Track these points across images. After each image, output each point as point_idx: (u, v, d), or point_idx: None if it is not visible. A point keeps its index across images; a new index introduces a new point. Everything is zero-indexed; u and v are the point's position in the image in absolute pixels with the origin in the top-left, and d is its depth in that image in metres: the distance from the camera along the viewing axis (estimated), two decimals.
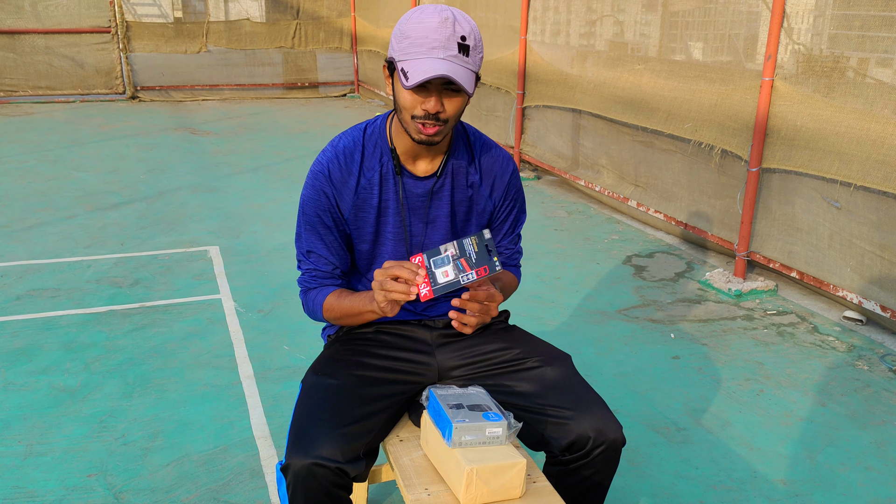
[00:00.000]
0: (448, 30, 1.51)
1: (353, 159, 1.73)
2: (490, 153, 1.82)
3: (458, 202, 1.78)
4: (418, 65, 1.51)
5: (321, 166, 1.74)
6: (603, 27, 5.72)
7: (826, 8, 3.79)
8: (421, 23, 1.52)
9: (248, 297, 3.83)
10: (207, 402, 2.83)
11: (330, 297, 1.76)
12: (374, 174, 1.73)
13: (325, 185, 1.72)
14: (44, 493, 2.29)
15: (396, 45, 1.56)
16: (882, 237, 3.40)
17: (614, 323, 3.62)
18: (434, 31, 1.51)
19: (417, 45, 1.52)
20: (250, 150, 7.51)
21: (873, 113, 3.38)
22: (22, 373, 3.02)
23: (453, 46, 1.51)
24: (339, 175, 1.72)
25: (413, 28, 1.53)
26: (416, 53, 1.52)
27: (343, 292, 1.76)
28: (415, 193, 1.75)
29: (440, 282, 1.53)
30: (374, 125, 1.76)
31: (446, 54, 1.51)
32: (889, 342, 3.47)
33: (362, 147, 1.74)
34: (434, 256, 1.56)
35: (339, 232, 1.77)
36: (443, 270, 1.54)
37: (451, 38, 1.51)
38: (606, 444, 1.60)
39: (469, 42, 1.53)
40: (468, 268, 1.53)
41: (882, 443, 2.66)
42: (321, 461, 1.48)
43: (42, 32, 10.01)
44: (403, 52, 1.54)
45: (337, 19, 11.45)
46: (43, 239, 4.69)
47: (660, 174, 4.88)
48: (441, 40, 1.51)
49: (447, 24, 1.51)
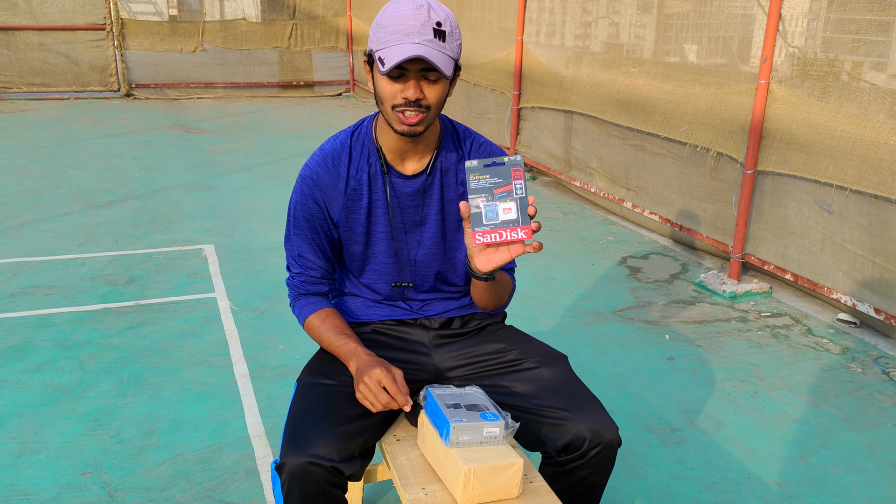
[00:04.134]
0: (423, 16, 1.51)
1: (340, 161, 1.73)
2: (480, 149, 1.80)
3: (448, 200, 1.77)
4: (393, 51, 1.51)
5: (310, 171, 1.74)
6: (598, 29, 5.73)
7: (821, 11, 3.81)
8: (395, 11, 1.53)
9: (242, 296, 3.82)
10: (202, 400, 2.83)
11: (314, 318, 1.77)
12: (362, 175, 1.72)
13: (315, 191, 1.73)
14: (38, 492, 2.28)
15: (373, 35, 1.57)
16: (873, 241, 3.42)
17: (609, 324, 3.63)
18: (408, 17, 1.51)
19: (392, 33, 1.52)
20: (245, 149, 7.49)
21: (868, 117, 3.40)
22: (16, 370, 3.01)
23: (428, 31, 1.52)
24: (329, 179, 1.72)
25: (388, 18, 1.54)
26: (392, 41, 1.52)
27: (328, 319, 1.76)
28: (404, 192, 1.74)
29: (515, 216, 1.44)
30: (361, 127, 1.76)
31: (422, 38, 1.51)
32: (882, 345, 3.48)
33: (349, 149, 1.74)
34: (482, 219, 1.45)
35: (328, 236, 1.77)
36: (503, 209, 1.46)
37: (425, 23, 1.51)
38: (602, 445, 1.61)
39: (445, 28, 1.54)
40: (508, 186, 1.46)
41: (875, 444, 2.68)
42: (316, 460, 1.48)
43: (37, 29, 9.97)
44: (379, 42, 1.55)
45: (333, 19, 11.44)
46: (37, 236, 4.67)
47: (651, 177, 4.89)
48: (416, 26, 1.51)
49: (421, 11, 1.52)
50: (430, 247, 1.79)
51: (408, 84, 1.55)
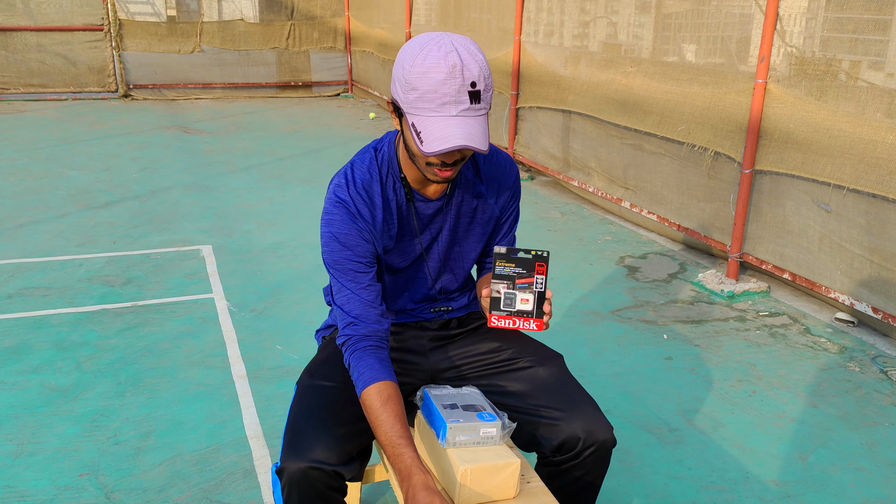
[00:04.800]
0: (457, 81, 1.42)
1: (373, 191, 1.65)
2: (493, 160, 1.78)
3: (462, 214, 1.77)
4: (432, 127, 1.44)
5: (346, 204, 1.62)
6: (596, 28, 5.73)
7: (819, 11, 3.81)
8: (426, 74, 1.42)
9: (240, 297, 3.82)
10: (200, 401, 2.82)
11: (374, 394, 1.54)
12: (392, 204, 1.68)
13: (356, 221, 1.63)
14: (35, 493, 2.28)
15: (402, 94, 1.47)
16: (871, 241, 3.42)
17: (607, 324, 3.63)
18: (442, 84, 1.42)
19: (426, 101, 1.44)
20: (243, 149, 7.49)
21: (865, 116, 3.40)
22: (13, 372, 3.01)
23: (465, 99, 1.43)
24: (368, 212, 1.64)
25: (418, 79, 1.43)
26: (426, 110, 1.44)
27: (389, 404, 1.52)
28: (426, 214, 1.72)
29: (531, 307, 1.58)
30: (383, 153, 1.69)
31: (458, 110, 1.44)
32: (880, 344, 3.48)
33: (380, 178, 1.67)
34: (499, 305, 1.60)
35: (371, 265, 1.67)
36: (519, 300, 1.59)
37: (461, 89, 1.42)
38: (597, 446, 1.60)
39: (479, 86, 1.44)
40: (530, 279, 1.58)
41: (873, 444, 2.68)
42: (316, 464, 1.48)
43: (34, 30, 9.96)
44: (412, 106, 1.46)
45: (331, 19, 11.43)
46: (34, 237, 4.66)
47: (649, 177, 4.89)
48: (451, 94, 1.42)
49: (455, 75, 1.41)
50: (440, 258, 1.79)
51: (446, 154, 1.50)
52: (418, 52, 1.44)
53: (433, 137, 1.44)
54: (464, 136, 1.43)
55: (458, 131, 1.43)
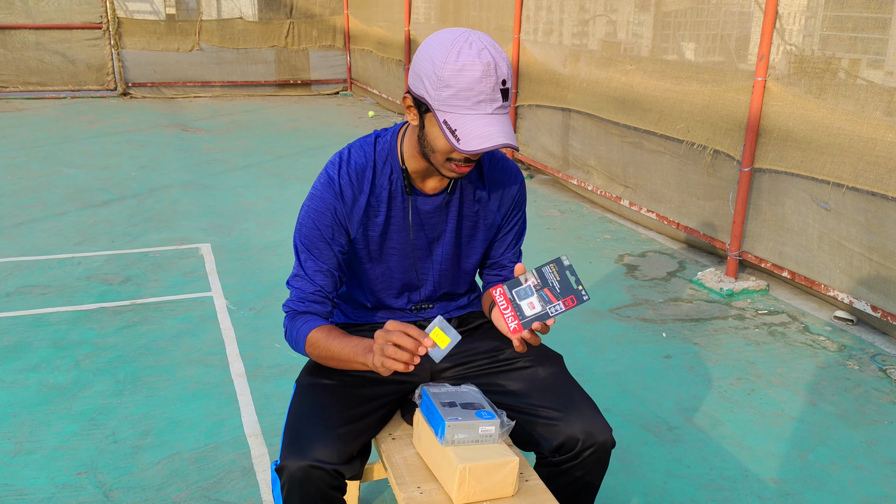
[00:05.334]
0: (492, 79, 1.42)
1: (364, 177, 1.66)
2: (498, 166, 1.77)
3: (464, 217, 1.75)
4: (470, 126, 1.44)
5: (332, 182, 1.65)
6: (595, 27, 5.73)
7: (818, 9, 3.80)
8: (461, 72, 1.42)
9: (239, 295, 3.81)
10: (198, 399, 2.82)
11: (316, 332, 1.62)
12: (383, 192, 1.67)
13: (336, 201, 1.64)
14: (33, 492, 2.28)
15: (433, 91, 1.45)
16: (870, 239, 3.42)
17: (606, 322, 3.63)
18: (479, 82, 1.42)
19: (462, 99, 1.43)
20: (242, 148, 7.48)
21: (865, 114, 3.39)
22: (11, 370, 3.00)
23: (498, 97, 1.44)
24: (351, 194, 1.65)
25: (453, 77, 1.42)
26: (462, 108, 1.44)
27: (333, 330, 1.62)
28: (424, 210, 1.71)
29: (527, 314, 1.49)
30: (385, 141, 1.69)
31: (493, 108, 1.44)
32: (879, 342, 3.48)
33: (374, 164, 1.67)
34: (515, 287, 1.50)
35: (338, 250, 1.68)
36: (528, 302, 1.49)
37: (495, 87, 1.43)
38: (596, 447, 1.60)
39: (508, 84, 1.46)
40: (554, 299, 1.48)
41: (872, 442, 2.68)
42: (317, 463, 1.47)
43: (33, 28, 9.94)
44: (445, 104, 1.45)
45: (330, 17, 11.43)
46: (33, 236, 4.66)
47: (649, 175, 4.89)
48: (487, 92, 1.43)
49: (490, 73, 1.42)
50: (442, 262, 1.78)
51: None
52: (449, 48, 1.43)
53: (473, 136, 1.43)
54: (503, 135, 1.43)
55: (496, 130, 1.43)
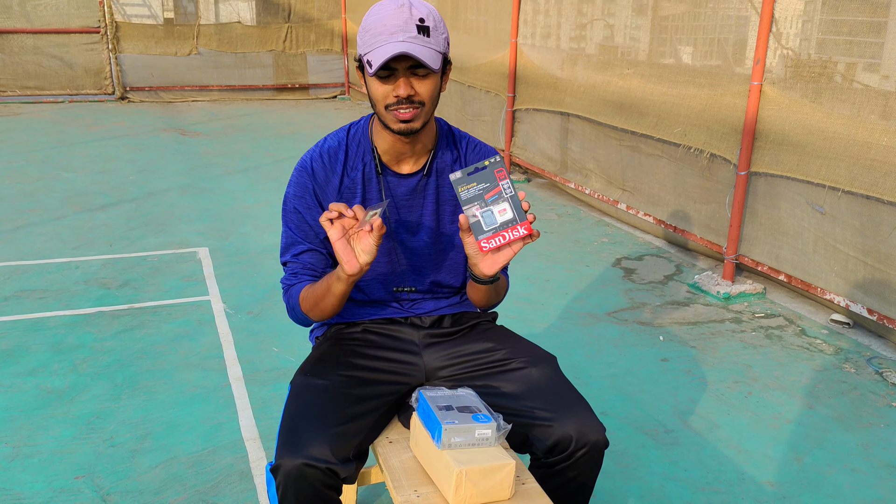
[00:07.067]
0: (405, 14, 1.54)
1: (336, 159, 1.74)
2: (475, 150, 1.83)
3: (444, 201, 1.78)
4: (379, 51, 1.53)
5: (305, 164, 1.75)
6: (593, 31, 5.74)
7: (814, 13, 3.82)
8: (378, 13, 1.56)
9: (237, 299, 3.82)
10: (196, 403, 2.82)
11: (305, 289, 1.73)
12: (357, 174, 1.74)
13: (309, 182, 1.74)
14: (31, 496, 2.28)
15: (360, 40, 1.59)
16: (865, 242, 3.43)
17: (603, 325, 3.64)
18: (391, 17, 1.54)
19: (377, 34, 1.54)
20: (240, 152, 7.49)
21: (860, 118, 3.41)
22: (9, 374, 3.00)
23: (412, 29, 1.54)
24: (323, 174, 1.74)
25: (372, 21, 1.56)
26: (377, 42, 1.54)
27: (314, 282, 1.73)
28: (399, 192, 1.75)
29: (500, 221, 1.48)
30: (358, 126, 1.78)
31: (406, 36, 1.53)
32: (876, 345, 3.49)
33: (346, 147, 1.75)
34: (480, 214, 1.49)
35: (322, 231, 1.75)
36: (499, 210, 1.49)
37: (408, 21, 1.54)
38: (589, 447, 1.61)
39: (428, 23, 1.56)
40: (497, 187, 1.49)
41: (868, 445, 2.68)
42: (312, 461, 1.48)
43: (31, 32, 9.94)
44: (366, 45, 1.56)
45: (327, 21, 11.44)
46: (31, 240, 4.66)
47: (647, 179, 4.90)
48: (399, 24, 1.53)
49: (403, 10, 1.54)
50: (424, 248, 1.79)
51: (398, 83, 1.57)
52: (374, 5, 1.59)
53: (378, 55, 1.53)
54: (405, 48, 1.51)
55: (400, 45, 1.52)
